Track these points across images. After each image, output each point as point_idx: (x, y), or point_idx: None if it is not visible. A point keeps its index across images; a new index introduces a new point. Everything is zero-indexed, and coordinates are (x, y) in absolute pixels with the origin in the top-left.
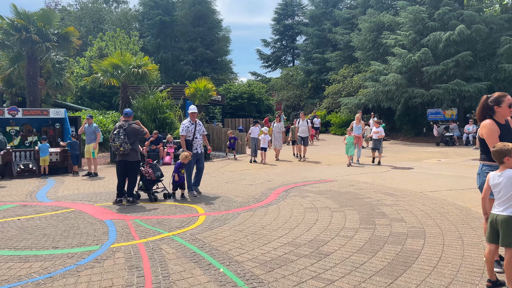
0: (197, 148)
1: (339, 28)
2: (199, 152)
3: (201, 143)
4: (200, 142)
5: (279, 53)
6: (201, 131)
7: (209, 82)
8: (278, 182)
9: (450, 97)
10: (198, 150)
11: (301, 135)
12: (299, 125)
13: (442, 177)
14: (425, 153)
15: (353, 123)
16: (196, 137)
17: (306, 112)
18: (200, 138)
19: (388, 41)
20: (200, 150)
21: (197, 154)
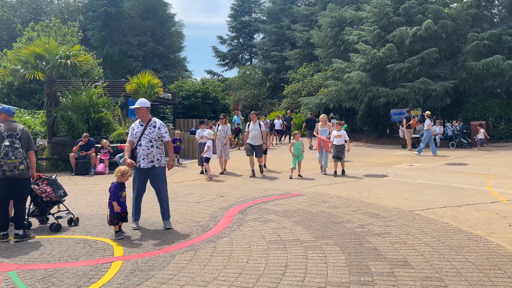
0: (141, 160)
1: (298, 25)
2: (142, 166)
3: (153, 153)
4: (152, 152)
5: (236, 51)
6: (153, 136)
7: (154, 77)
8: (233, 198)
9: (416, 97)
10: (143, 163)
11: (251, 143)
12: (249, 129)
13: (425, 187)
14: (394, 156)
15: (318, 125)
16: (140, 144)
17: (265, 112)
18: (149, 146)
19: (350, 38)
20: (147, 164)
21: (142, 170)
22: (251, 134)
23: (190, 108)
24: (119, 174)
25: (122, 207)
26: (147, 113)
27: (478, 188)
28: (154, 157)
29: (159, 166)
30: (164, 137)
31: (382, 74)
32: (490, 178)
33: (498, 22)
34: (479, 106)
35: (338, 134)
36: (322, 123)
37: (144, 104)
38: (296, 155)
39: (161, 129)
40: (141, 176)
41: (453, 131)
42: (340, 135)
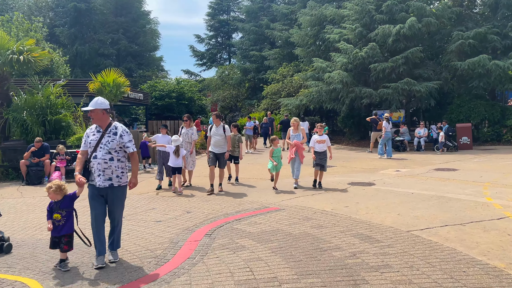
0: (96, 177)
1: (277, 24)
2: (98, 185)
3: (113, 168)
4: (110, 167)
5: (214, 51)
6: (113, 146)
7: (120, 75)
8: (202, 215)
9: (399, 98)
10: (99, 181)
11: (214, 150)
12: (211, 134)
13: (418, 198)
14: (378, 161)
15: (290, 130)
16: (96, 157)
17: (244, 113)
18: (106, 159)
19: (331, 36)
20: (103, 182)
21: (98, 189)
22: (213, 139)
23: (164, 109)
24: (46, 190)
25: (54, 232)
26: (106, 117)
27: (477, 200)
28: (113, 173)
29: (118, 185)
30: (128, 147)
31: (364, 74)
32: (486, 186)
33: (482, 21)
34: (463, 108)
35: (321, 139)
36: (294, 127)
37: (99, 105)
38: (275, 158)
39: (124, 137)
40: (97, 197)
41: (438, 134)
42: (323, 140)
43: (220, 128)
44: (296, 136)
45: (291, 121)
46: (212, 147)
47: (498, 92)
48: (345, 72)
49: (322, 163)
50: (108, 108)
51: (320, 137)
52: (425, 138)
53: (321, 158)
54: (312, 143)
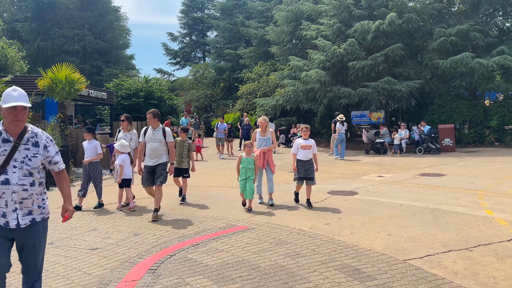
0: (11, 213)
1: (252, 21)
2: (15, 224)
3: (34, 197)
4: (31, 196)
5: (188, 49)
6: (35, 164)
7: (74, 71)
8: (152, 238)
9: (379, 98)
10: (13, 219)
11: (149, 163)
12: (144, 139)
13: (409, 212)
14: (359, 164)
15: (257, 132)
16: (7, 181)
17: (219, 114)
18: (26, 184)
19: (308, 33)
20: (23, 219)
21: (9, 231)
22: (149, 147)
23: (131, 109)
24: None
25: None
26: (22, 118)
27: (476, 213)
28: (33, 204)
29: (42, 219)
30: (57, 163)
31: (343, 73)
32: (481, 195)
33: (463, 18)
34: (445, 108)
35: (306, 144)
36: (262, 129)
37: (14, 102)
38: (244, 177)
39: (50, 148)
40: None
41: (420, 136)
42: (309, 146)
43: (158, 131)
44: (265, 140)
45: (259, 120)
46: (147, 158)
47: (479, 93)
48: (323, 70)
49: (309, 175)
50: (28, 106)
51: (305, 142)
52: (406, 140)
53: (307, 169)
54: (294, 149)
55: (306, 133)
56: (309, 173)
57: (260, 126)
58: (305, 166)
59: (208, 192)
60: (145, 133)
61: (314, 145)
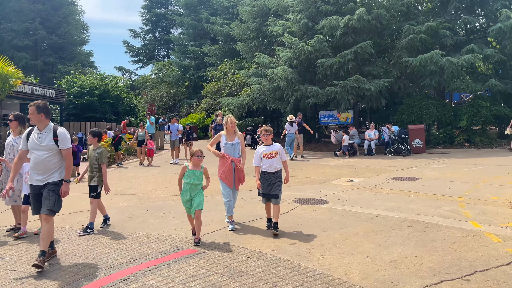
0: None
1: (218, 17)
2: None
3: None
4: None
5: (151, 47)
6: None
7: (8, 64)
8: (71, 270)
9: (348, 97)
10: None
11: (33, 182)
12: (26, 147)
13: (386, 225)
14: (328, 167)
15: (222, 136)
16: None
17: (183, 114)
18: None
19: (275, 29)
20: None
21: None
22: (33, 158)
23: (85, 109)
24: None
25: None
26: None
27: (462, 226)
28: None
29: None
30: None
31: (311, 72)
32: (461, 203)
33: (432, 16)
34: (414, 108)
35: (270, 151)
36: (229, 131)
37: None
38: (188, 198)
39: None
40: None
41: (390, 136)
42: (274, 153)
43: (46, 134)
44: (232, 146)
45: (224, 120)
46: (31, 174)
47: (447, 93)
48: (290, 68)
49: (275, 192)
50: None
51: (268, 149)
52: (376, 141)
53: (272, 183)
54: (256, 161)
55: (267, 137)
56: (273, 189)
57: (226, 128)
58: (270, 180)
59: (158, 203)
60: (27, 137)
61: (282, 151)
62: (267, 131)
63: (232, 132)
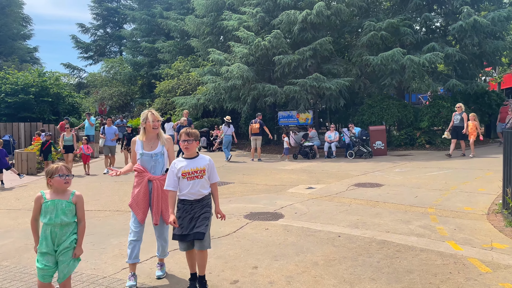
0: None
1: (172, 12)
2: None
3: None
4: None
5: (102, 43)
6: None
7: None
8: None
9: (307, 96)
10: None
11: None
12: None
13: (352, 248)
14: (286, 172)
15: (137, 142)
16: None
17: (135, 114)
18: None
19: (230, 23)
20: None
21: None
22: None
23: (19, 108)
24: None
25: None
26: None
27: (439, 249)
28: None
29: None
30: None
31: (269, 70)
32: (433, 216)
33: (392, 13)
34: (375, 109)
35: (194, 167)
36: (148, 133)
37: None
38: (49, 250)
39: None
40: None
41: (351, 138)
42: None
43: None
44: (152, 157)
45: (143, 116)
46: None
47: (407, 94)
48: (246, 65)
49: (197, 229)
50: None
51: (190, 163)
52: (336, 143)
53: (195, 217)
54: (170, 181)
55: (190, 145)
56: (197, 226)
57: (146, 129)
58: (193, 212)
59: None
60: None
61: (211, 167)
62: (189, 135)
63: (154, 135)
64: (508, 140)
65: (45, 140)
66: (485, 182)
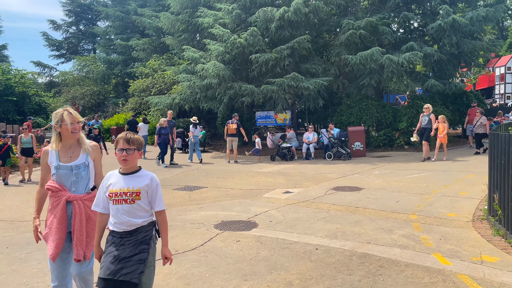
0: None
1: (147, 9)
2: None
3: None
4: None
5: (74, 40)
6: None
7: None
8: None
9: (285, 96)
10: None
11: None
12: None
13: (330, 263)
14: (262, 175)
15: (48, 152)
16: None
17: (108, 114)
18: None
19: (205, 20)
20: None
21: None
22: None
23: None
24: None
25: None
26: None
27: (425, 263)
28: None
29: None
30: None
31: (246, 69)
32: (416, 224)
33: (371, 12)
34: (354, 109)
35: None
36: (65, 138)
37: None
38: None
39: None
40: None
41: (330, 139)
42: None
43: None
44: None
45: (56, 117)
46: None
47: (385, 94)
48: (222, 64)
49: (124, 276)
50: None
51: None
52: (315, 144)
53: (123, 258)
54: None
55: (128, 158)
56: (124, 270)
57: (63, 134)
58: (121, 248)
59: (30, 234)
60: None
61: (154, 190)
62: (129, 142)
63: (74, 142)
64: (494, 143)
65: (3, 143)
66: (466, 185)
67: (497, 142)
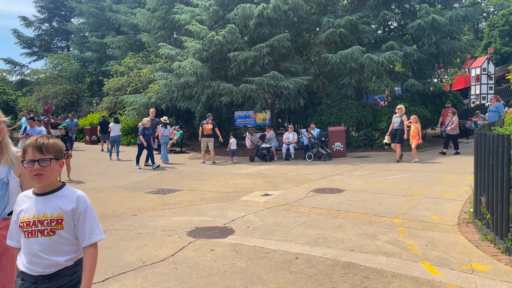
0: None
1: (122, 6)
2: None
3: None
4: None
5: (47, 37)
6: None
7: None
8: None
9: (265, 96)
10: None
11: None
12: None
13: (312, 278)
14: (241, 177)
15: None
16: None
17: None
18: None
19: (182, 17)
20: None
21: None
22: None
23: None
24: None
25: None
26: None
27: (413, 274)
28: None
29: None
30: None
31: (224, 67)
32: (401, 228)
33: (351, 11)
34: (334, 109)
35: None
36: None
37: None
38: None
39: None
40: None
41: (310, 140)
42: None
43: None
44: None
45: None
46: None
47: (364, 95)
48: (200, 62)
49: None
50: None
51: (36, 204)
52: (295, 145)
53: None
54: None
55: (43, 172)
56: None
57: None
58: None
59: None
60: None
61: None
62: (42, 150)
63: None
64: (479, 143)
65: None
66: (449, 186)
67: (484, 142)
